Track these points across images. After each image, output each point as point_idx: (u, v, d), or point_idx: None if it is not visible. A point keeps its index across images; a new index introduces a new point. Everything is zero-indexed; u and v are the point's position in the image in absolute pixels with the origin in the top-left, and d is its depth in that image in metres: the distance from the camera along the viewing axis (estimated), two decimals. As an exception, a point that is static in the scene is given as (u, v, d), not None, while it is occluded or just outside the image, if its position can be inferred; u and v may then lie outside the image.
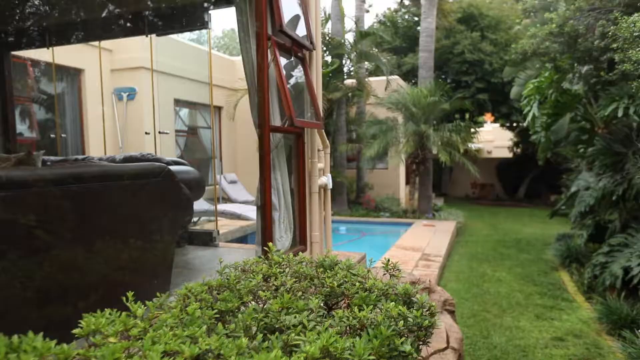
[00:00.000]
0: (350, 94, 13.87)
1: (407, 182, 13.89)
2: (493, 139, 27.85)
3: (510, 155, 20.96)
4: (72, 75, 8.65)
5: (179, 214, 3.16)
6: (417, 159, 11.39)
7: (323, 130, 4.19)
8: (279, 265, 2.77)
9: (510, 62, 11.32)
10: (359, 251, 8.85)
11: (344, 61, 12.60)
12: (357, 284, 2.53)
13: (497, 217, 14.31)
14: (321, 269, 2.64)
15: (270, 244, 2.85)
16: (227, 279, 2.50)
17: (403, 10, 19.50)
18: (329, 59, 12.39)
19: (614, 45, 4.77)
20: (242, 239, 7.99)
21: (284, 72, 3.66)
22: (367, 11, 17.03)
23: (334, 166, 12.85)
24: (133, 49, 9.12)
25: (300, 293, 2.43)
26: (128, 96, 9.17)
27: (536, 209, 16.63)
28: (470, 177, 19.23)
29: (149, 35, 5.64)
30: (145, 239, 2.88)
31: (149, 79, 9.37)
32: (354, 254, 5.60)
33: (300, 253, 2.88)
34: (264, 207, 3.37)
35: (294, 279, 2.62)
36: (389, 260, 2.80)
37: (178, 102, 10.37)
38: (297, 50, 4.05)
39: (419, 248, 7.96)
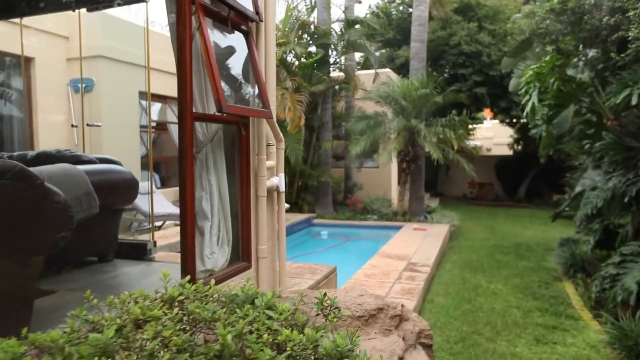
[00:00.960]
0: (337, 87, 13.03)
1: (400, 182, 13.01)
2: (492, 135, 26.99)
3: (510, 152, 20.12)
4: (21, 64, 7.81)
5: (44, 229, 2.32)
6: (407, 157, 10.53)
7: (275, 121, 3.34)
8: (170, 304, 1.94)
9: (509, 53, 10.46)
10: (339, 259, 8.00)
11: (330, 52, 11.73)
12: (266, 335, 1.70)
13: (495, 219, 13.45)
14: (224, 310, 1.80)
15: (164, 270, 2.03)
16: (66, 332, 1.69)
17: (397, 1, 18.63)
18: (313, 49, 11.54)
19: (630, 14, 3.92)
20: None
21: (211, 44, 2.83)
22: (359, 2, 16.17)
23: (319, 164, 12.00)
24: (92, 35, 8.28)
25: (168, 356, 1.61)
26: (85, 88, 8.33)
27: (537, 210, 15.76)
28: (468, 176, 18.43)
29: (77, 11, 4.84)
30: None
31: (110, 69, 8.54)
32: (321, 266, 4.75)
33: (206, 284, 2.08)
34: (184, 216, 2.53)
35: (182, 326, 1.80)
36: (325, 294, 1.97)
37: (144, 95, 9.51)
38: (239, 21, 3.21)
39: (405, 256, 7.11)
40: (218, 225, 2.84)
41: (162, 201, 8.82)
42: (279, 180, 3.30)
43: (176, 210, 9.30)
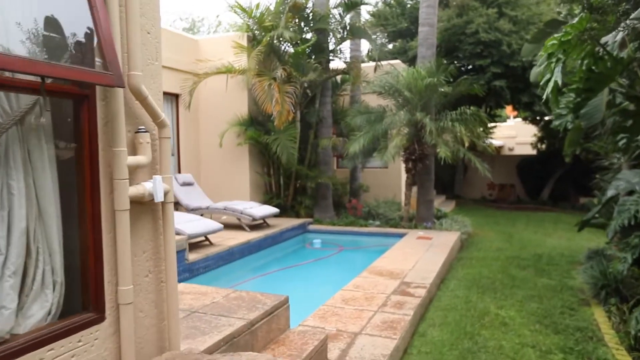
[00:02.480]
0: (339, 80, 11.94)
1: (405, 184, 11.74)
2: (515, 134, 25.45)
3: (534, 152, 18.68)
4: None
5: None
6: (413, 156, 9.34)
7: (147, 95, 2.23)
8: None
9: (531, 38, 9.18)
10: (326, 274, 6.88)
11: (329, 39, 10.61)
12: None
13: (515, 225, 12.11)
14: None
15: None
16: None
17: (411, -11, 17.37)
18: (309, 35, 10.46)
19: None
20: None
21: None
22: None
23: (317, 164, 10.91)
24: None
25: None
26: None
27: (562, 214, 14.33)
28: (487, 177, 17.09)
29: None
30: None
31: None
32: (267, 297, 3.65)
33: None
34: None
35: None
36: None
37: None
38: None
39: (399, 272, 5.96)
40: (32, 261, 1.79)
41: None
42: (154, 185, 2.22)
43: (214, 205, 8.41)
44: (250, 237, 7.92)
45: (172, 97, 10.22)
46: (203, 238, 7.29)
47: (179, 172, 10.42)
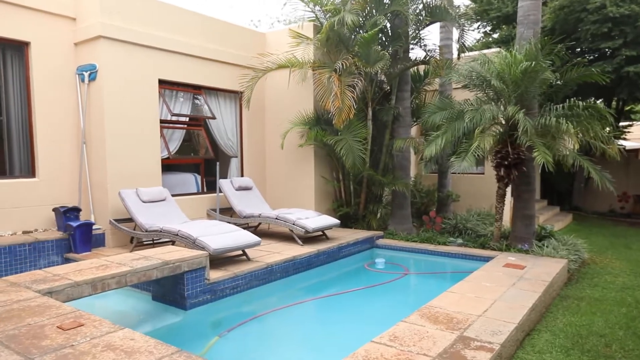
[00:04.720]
0: (421, 71, 10.39)
1: (512, 194, 9.73)
2: (659, 134, 21.10)
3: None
4: (14, 49, 6.92)
5: None
6: (506, 161, 7.46)
7: None
8: None
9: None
10: (372, 308, 5.61)
11: (410, 24, 9.11)
12: None
13: (653, 250, 9.40)
14: None
15: None
16: None
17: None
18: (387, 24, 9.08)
19: None
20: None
21: None
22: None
23: (393, 169, 9.49)
24: (95, 13, 7.09)
25: None
26: (90, 76, 7.17)
27: None
28: (619, 186, 13.93)
29: None
30: None
31: (113, 52, 7.28)
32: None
33: None
34: None
35: None
36: None
37: (166, 85, 8.12)
38: None
39: (462, 319, 4.39)
40: None
41: (174, 211, 7.31)
42: None
43: (270, 212, 8.02)
44: (298, 253, 6.85)
45: (235, 95, 9.59)
46: (240, 252, 6.41)
47: (242, 175, 9.78)
